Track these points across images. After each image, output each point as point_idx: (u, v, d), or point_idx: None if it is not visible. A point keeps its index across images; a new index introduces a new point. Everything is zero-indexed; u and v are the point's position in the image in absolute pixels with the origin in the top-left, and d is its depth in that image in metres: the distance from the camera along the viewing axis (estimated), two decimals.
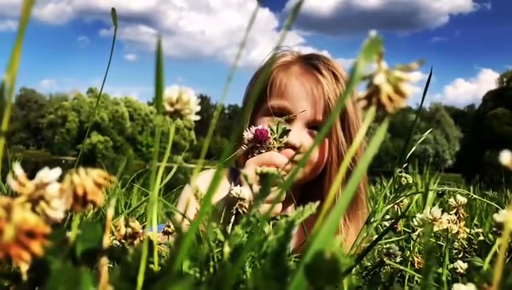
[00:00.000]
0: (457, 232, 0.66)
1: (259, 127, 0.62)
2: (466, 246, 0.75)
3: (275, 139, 0.62)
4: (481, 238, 0.75)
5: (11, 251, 0.22)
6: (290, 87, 1.03)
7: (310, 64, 1.06)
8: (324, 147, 1.03)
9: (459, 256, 0.74)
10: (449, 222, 0.61)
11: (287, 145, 1.00)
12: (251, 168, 0.69)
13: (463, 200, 0.71)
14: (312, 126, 1.03)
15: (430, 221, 0.58)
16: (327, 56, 1.11)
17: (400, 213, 0.89)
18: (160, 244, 0.57)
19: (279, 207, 0.95)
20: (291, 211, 1.06)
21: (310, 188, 1.12)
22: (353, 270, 0.42)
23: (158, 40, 0.26)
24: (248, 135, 0.50)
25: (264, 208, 0.46)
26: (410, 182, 0.71)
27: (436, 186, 1.94)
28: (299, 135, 1.00)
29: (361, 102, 0.25)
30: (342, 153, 1.01)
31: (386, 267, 0.63)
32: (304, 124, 1.02)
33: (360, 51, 0.24)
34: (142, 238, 0.41)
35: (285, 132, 0.65)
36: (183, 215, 0.42)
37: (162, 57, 0.27)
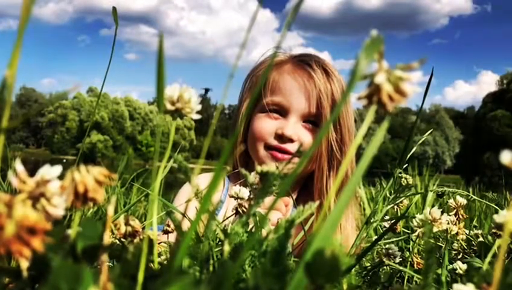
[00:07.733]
0: (457, 233, 0.66)
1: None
2: (465, 247, 0.75)
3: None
4: (480, 239, 0.75)
5: (12, 247, 0.22)
6: (283, 83, 1.06)
7: (301, 61, 1.09)
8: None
9: (459, 257, 0.74)
10: (448, 223, 0.61)
11: (285, 139, 1.02)
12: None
13: (462, 201, 0.71)
14: (306, 119, 1.06)
15: (429, 221, 0.58)
16: (319, 55, 1.14)
17: (399, 214, 0.89)
18: (159, 243, 0.57)
19: (281, 204, 0.95)
20: (291, 206, 1.07)
21: (304, 181, 1.13)
22: (353, 270, 0.42)
23: (160, 36, 0.26)
24: (254, 179, 0.52)
25: (265, 206, 0.46)
26: (411, 182, 0.71)
27: (436, 188, 1.94)
28: (294, 128, 1.03)
29: (362, 101, 0.25)
30: (331, 145, 1.04)
31: (385, 267, 0.63)
32: (299, 117, 1.05)
33: (361, 50, 0.24)
34: (142, 237, 0.41)
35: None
36: (183, 215, 0.42)
37: (164, 54, 0.27)
